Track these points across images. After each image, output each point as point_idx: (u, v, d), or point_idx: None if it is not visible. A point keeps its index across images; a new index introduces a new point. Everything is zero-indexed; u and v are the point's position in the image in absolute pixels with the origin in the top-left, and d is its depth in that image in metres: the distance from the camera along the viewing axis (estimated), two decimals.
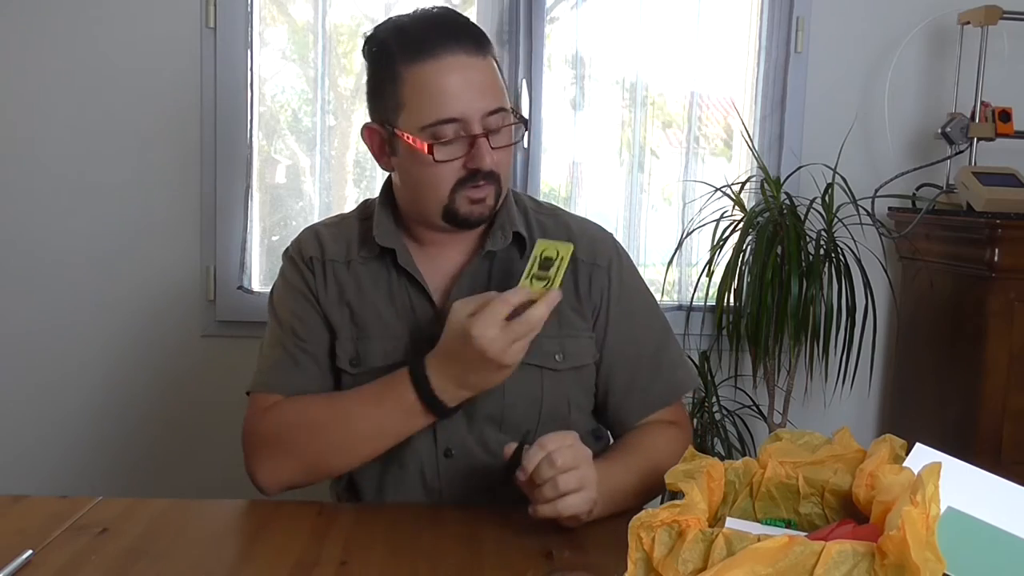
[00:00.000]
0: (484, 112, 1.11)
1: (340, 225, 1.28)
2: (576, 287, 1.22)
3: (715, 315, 2.29)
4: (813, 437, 0.91)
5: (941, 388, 2.17)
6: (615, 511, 1.06)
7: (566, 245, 1.08)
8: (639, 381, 1.24)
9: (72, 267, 2.29)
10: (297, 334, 1.21)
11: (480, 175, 1.12)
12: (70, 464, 2.33)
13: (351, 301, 1.21)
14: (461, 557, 0.97)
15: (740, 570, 0.65)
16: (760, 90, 2.38)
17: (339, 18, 2.37)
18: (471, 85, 1.10)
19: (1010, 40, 2.26)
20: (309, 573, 0.92)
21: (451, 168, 1.12)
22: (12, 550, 0.93)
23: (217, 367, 2.31)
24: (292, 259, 1.26)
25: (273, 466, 1.15)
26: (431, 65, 1.10)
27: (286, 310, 1.23)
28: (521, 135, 1.19)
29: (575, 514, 1.00)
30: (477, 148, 1.10)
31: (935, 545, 0.64)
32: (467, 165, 1.12)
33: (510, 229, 1.21)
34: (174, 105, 2.27)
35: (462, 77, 1.10)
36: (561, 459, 0.98)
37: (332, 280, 1.22)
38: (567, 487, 0.98)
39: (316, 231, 1.27)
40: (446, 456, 1.18)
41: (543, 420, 1.19)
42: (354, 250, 1.23)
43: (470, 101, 1.10)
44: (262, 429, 1.16)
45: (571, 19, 2.36)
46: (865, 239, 2.21)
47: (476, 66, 1.11)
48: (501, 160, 1.14)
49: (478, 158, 1.11)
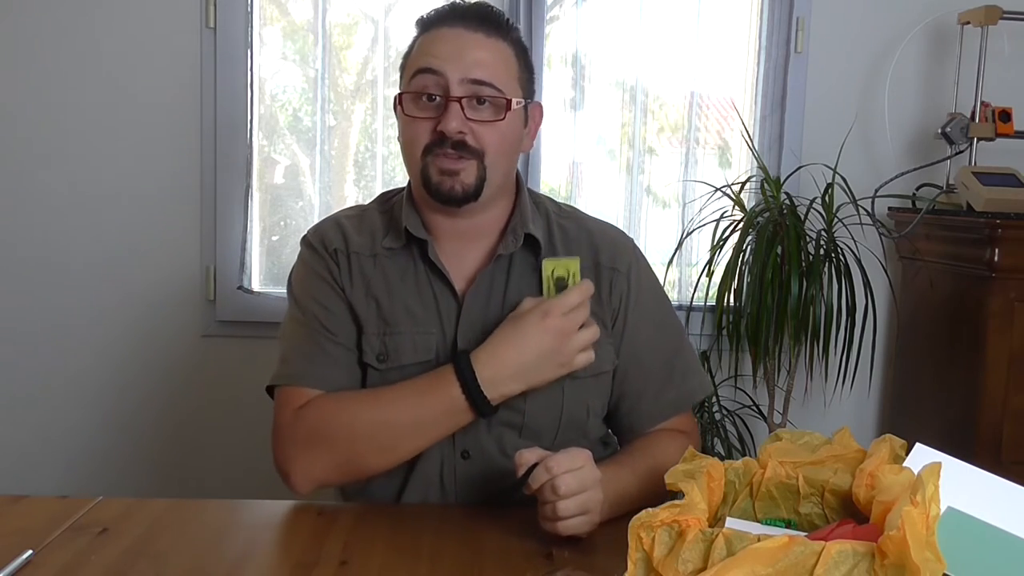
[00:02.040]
0: (464, 77, 1.11)
1: (362, 216, 1.25)
2: (597, 291, 1.21)
3: (715, 315, 2.29)
4: (813, 437, 0.91)
5: (941, 388, 2.17)
6: (619, 515, 1.06)
7: (573, 260, 1.11)
8: (651, 388, 1.23)
9: (72, 267, 2.29)
10: (325, 325, 1.18)
11: (448, 141, 1.11)
12: (70, 464, 2.33)
13: (378, 296, 1.18)
14: (461, 557, 0.97)
15: (740, 570, 0.65)
16: (760, 90, 2.38)
17: (339, 18, 2.37)
18: (459, 50, 1.12)
19: (1010, 40, 2.26)
20: (309, 573, 0.92)
21: (422, 127, 1.13)
22: (12, 550, 0.93)
23: (217, 367, 2.31)
24: (313, 247, 1.22)
25: (308, 465, 1.12)
26: (434, 32, 1.16)
27: (311, 299, 1.19)
28: (515, 119, 1.16)
29: (575, 534, 1.00)
30: (447, 110, 1.11)
31: (935, 545, 0.64)
32: (436, 128, 1.12)
33: (521, 232, 1.19)
34: (174, 105, 2.27)
35: (453, 43, 1.13)
36: (564, 486, 0.97)
37: (358, 273, 1.19)
38: (566, 513, 0.98)
39: (337, 221, 1.24)
40: (463, 457, 1.17)
41: (563, 427, 1.18)
42: (378, 242, 1.21)
43: (451, 61, 1.11)
44: (299, 426, 1.13)
45: (571, 19, 2.36)
46: (865, 239, 2.21)
47: (472, 38, 1.13)
48: (484, 136, 1.13)
49: (445, 120, 1.11)
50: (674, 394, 1.24)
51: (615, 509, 1.05)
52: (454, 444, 1.17)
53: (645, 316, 1.24)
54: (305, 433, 1.13)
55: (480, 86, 1.12)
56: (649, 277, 1.28)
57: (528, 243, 1.20)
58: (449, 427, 1.12)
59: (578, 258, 1.12)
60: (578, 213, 1.30)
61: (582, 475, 0.99)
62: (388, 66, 2.36)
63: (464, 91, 1.11)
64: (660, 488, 1.11)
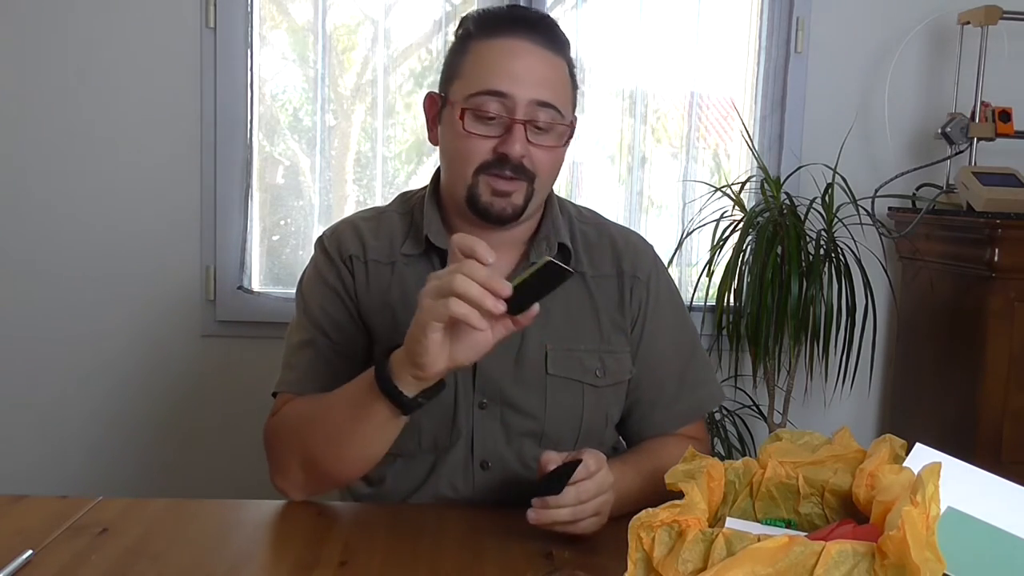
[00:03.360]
0: (532, 99, 1.07)
1: (380, 220, 1.21)
2: (620, 299, 1.20)
3: (715, 315, 2.29)
4: (813, 437, 0.91)
5: (941, 388, 2.17)
6: (620, 515, 1.06)
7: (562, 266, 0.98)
8: (664, 399, 1.22)
9: (72, 267, 2.29)
10: (329, 335, 1.17)
11: (508, 164, 1.07)
12: (70, 464, 2.33)
13: (394, 305, 1.15)
14: (461, 557, 0.97)
15: (740, 570, 0.65)
16: (760, 90, 2.38)
17: (339, 18, 2.37)
18: (528, 70, 1.08)
19: (1010, 40, 2.26)
20: (309, 573, 0.92)
21: (481, 146, 1.08)
22: (12, 550, 0.93)
23: (217, 367, 2.31)
24: (328, 254, 1.19)
25: (280, 466, 1.12)
26: (497, 42, 1.09)
27: (317, 307, 1.18)
28: (566, 140, 1.13)
29: (580, 534, 1.00)
30: (511, 132, 1.07)
31: (935, 545, 0.64)
32: (497, 148, 1.08)
33: (555, 240, 1.17)
34: (174, 105, 2.27)
35: (522, 60, 1.08)
36: (585, 493, 0.97)
37: (375, 281, 1.17)
38: (582, 515, 0.98)
39: (355, 225, 1.20)
40: (482, 468, 1.16)
41: (582, 436, 1.18)
42: (397, 248, 1.18)
43: (520, 82, 1.07)
44: (268, 429, 1.15)
45: (571, 19, 2.36)
46: (865, 239, 2.21)
47: (540, 55, 1.09)
48: (540, 160, 1.09)
49: (509, 142, 1.07)
50: (686, 405, 1.23)
51: (618, 509, 1.05)
52: (472, 455, 1.16)
53: (662, 325, 1.23)
54: (272, 435, 1.14)
55: (545, 108, 1.08)
56: (668, 285, 1.26)
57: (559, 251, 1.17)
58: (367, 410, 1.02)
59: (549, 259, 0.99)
60: (598, 218, 1.28)
61: (600, 478, 0.99)
62: (388, 66, 2.36)
63: (530, 114, 1.07)
64: (662, 489, 1.11)
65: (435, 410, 1.13)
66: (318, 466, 1.10)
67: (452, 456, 1.16)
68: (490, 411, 1.16)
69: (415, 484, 1.18)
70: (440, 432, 1.15)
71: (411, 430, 1.08)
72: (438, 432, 1.15)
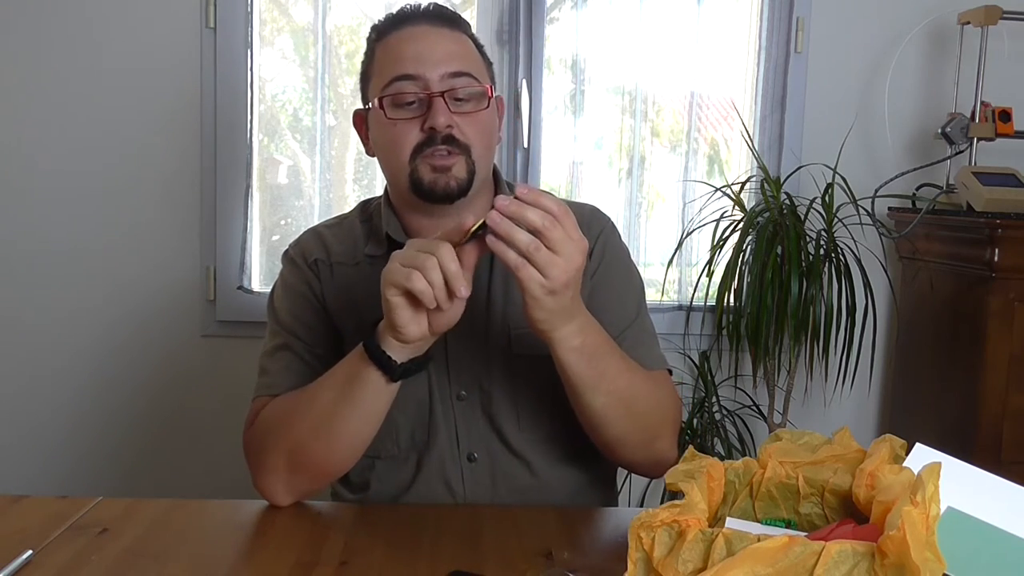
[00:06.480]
0: (443, 73, 1.10)
1: (342, 225, 1.26)
2: None
3: (715, 315, 2.29)
4: (813, 437, 0.91)
5: (941, 388, 2.17)
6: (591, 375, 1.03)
7: None
8: None
9: (72, 267, 2.29)
10: (301, 337, 1.18)
11: (439, 137, 1.09)
12: (70, 464, 2.33)
13: (360, 304, 1.17)
14: (461, 557, 0.97)
15: (740, 570, 0.65)
16: (760, 90, 2.38)
17: (339, 19, 2.37)
18: (431, 48, 1.11)
19: (1010, 40, 2.27)
20: (309, 573, 0.92)
21: (408, 129, 1.10)
22: (12, 550, 0.93)
23: (217, 367, 2.31)
24: (294, 261, 1.23)
25: (264, 467, 1.11)
26: (395, 34, 1.14)
27: (288, 314, 1.20)
28: (490, 106, 1.15)
29: (546, 283, 0.93)
30: (432, 106, 1.09)
31: (935, 545, 0.64)
32: (424, 126, 1.10)
33: None
34: (174, 105, 2.27)
35: (423, 41, 1.12)
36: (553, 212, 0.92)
37: (340, 282, 1.19)
38: (544, 243, 0.91)
39: (318, 232, 1.25)
40: (470, 460, 1.17)
41: (557, 400, 1.15)
42: (360, 249, 1.21)
43: (427, 61, 1.10)
44: (248, 433, 1.15)
45: (571, 20, 2.36)
46: (865, 239, 2.21)
47: (440, 33, 1.13)
48: (469, 129, 1.11)
49: (432, 115, 1.09)
50: (638, 354, 1.18)
51: (595, 347, 1.03)
52: (459, 448, 1.17)
53: (606, 283, 1.22)
54: (254, 436, 1.14)
55: (459, 78, 1.11)
56: (618, 248, 1.26)
57: None
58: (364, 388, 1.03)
59: None
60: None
61: (571, 216, 0.94)
62: None
63: (445, 86, 1.10)
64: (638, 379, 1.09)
65: (409, 407, 1.15)
66: (306, 457, 1.08)
67: (437, 453, 1.16)
68: (469, 402, 1.17)
69: (402, 486, 1.18)
70: (417, 428, 1.17)
71: (388, 429, 1.10)
72: (415, 428, 1.17)
